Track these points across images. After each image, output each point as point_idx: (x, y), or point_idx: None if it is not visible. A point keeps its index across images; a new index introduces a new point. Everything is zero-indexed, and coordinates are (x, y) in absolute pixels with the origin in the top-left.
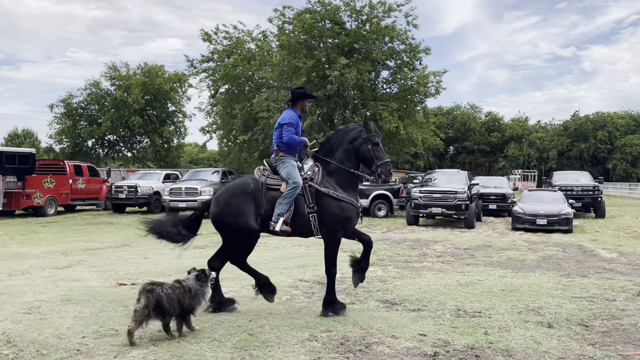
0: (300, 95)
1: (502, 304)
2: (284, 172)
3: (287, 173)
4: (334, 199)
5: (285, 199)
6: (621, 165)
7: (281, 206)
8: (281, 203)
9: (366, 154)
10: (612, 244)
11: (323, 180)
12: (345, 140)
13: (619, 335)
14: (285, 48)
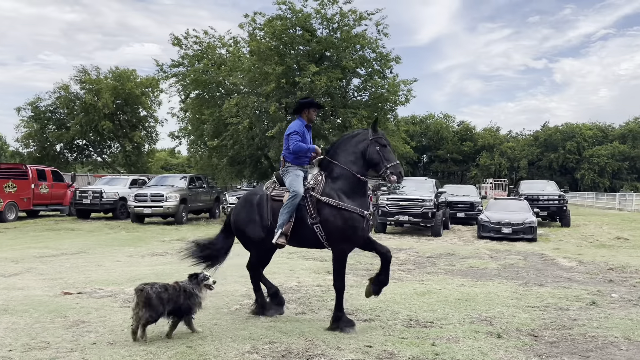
0: (305, 104)
1: (455, 313)
2: (287, 181)
3: (289, 183)
4: (336, 208)
5: (285, 208)
6: (589, 175)
7: (281, 217)
8: (282, 213)
9: (374, 157)
10: (573, 253)
11: (326, 188)
12: (351, 143)
13: (567, 346)
14: (256, 54)
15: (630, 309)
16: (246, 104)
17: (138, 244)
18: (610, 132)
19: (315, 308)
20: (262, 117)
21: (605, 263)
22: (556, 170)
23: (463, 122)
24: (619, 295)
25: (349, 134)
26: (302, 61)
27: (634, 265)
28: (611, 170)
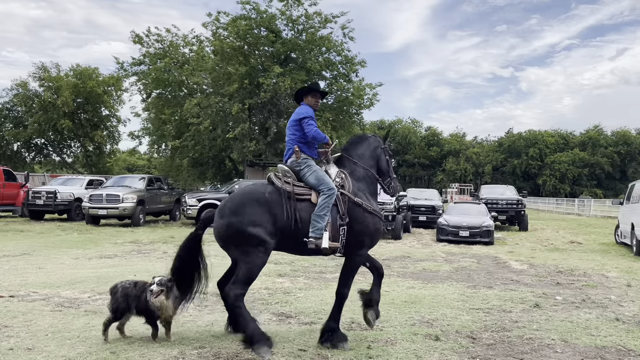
0: (306, 91)
1: (399, 316)
2: (313, 177)
3: (318, 178)
4: (367, 211)
5: (323, 209)
6: (550, 181)
7: (322, 218)
8: (319, 215)
9: (384, 165)
10: (526, 256)
11: (354, 188)
12: (369, 147)
13: (503, 348)
14: (219, 54)
15: (571, 311)
16: (208, 104)
17: (88, 246)
18: (571, 140)
19: (257, 312)
20: (224, 117)
21: (555, 266)
22: (519, 175)
23: (430, 128)
24: (562, 298)
25: (363, 136)
26: (266, 62)
27: (583, 269)
28: (572, 176)
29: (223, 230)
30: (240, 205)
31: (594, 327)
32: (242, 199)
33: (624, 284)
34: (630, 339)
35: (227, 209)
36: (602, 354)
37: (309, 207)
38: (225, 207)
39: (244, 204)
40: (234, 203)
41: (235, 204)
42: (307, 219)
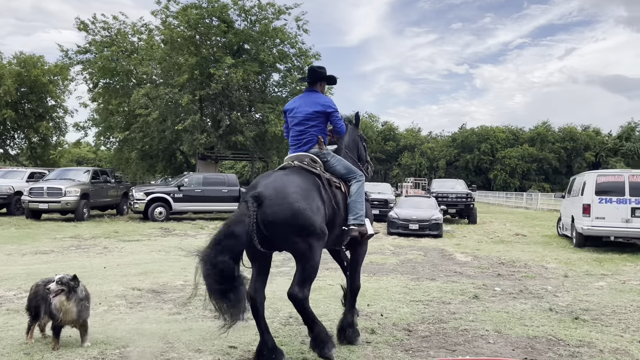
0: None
1: (339, 309)
2: (342, 166)
3: (347, 168)
4: (368, 200)
5: (360, 195)
6: (501, 176)
7: (360, 206)
8: (358, 202)
9: (362, 152)
10: (472, 248)
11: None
12: (352, 135)
13: (437, 340)
14: (169, 43)
15: (508, 302)
16: (157, 95)
17: (24, 241)
18: (521, 136)
19: (192, 308)
20: (174, 109)
21: (498, 258)
22: (472, 170)
23: (387, 123)
24: (501, 289)
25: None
26: (218, 53)
27: (524, 260)
28: (521, 171)
29: (288, 216)
30: (307, 191)
31: (528, 318)
32: (303, 183)
33: (562, 274)
34: (562, 328)
35: (292, 191)
36: (532, 344)
37: (342, 196)
38: (288, 189)
39: (310, 190)
40: (298, 187)
41: (301, 188)
42: (341, 208)
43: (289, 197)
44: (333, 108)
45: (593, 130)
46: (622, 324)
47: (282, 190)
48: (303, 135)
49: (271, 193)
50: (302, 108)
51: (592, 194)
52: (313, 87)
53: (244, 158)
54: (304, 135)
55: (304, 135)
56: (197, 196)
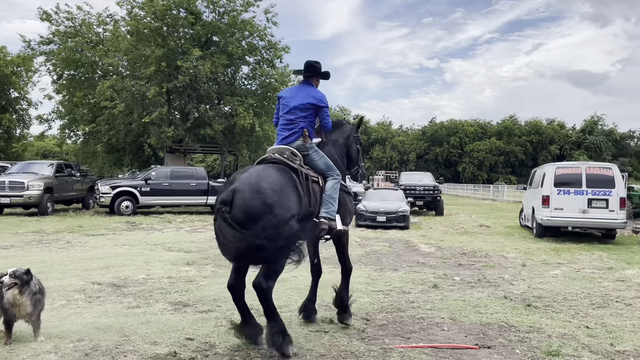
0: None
1: (299, 300)
2: (322, 162)
3: (327, 164)
4: (347, 192)
5: (335, 191)
6: (469, 169)
7: (334, 201)
8: (333, 197)
9: (354, 154)
10: (436, 239)
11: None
12: (344, 133)
13: (394, 328)
14: (135, 34)
15: (466, 290)
16: (123, 87)
17: None
18: (489, 129)
19: (152, 301)
20: (141, 101)
21: (461, 248)
22: (441, 163)
23: (358, 116)
24: (460, 278)
25: (339, 122)
26: (185, 45)
27: (485, 250)
28: (489, 164)
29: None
30: (281, 186)
31: (484, 305)
32: (277, 176)
33: (520, 264)
34: (514, 315)
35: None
36: (485, 330)
37: (319, 189)
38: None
39: (284, 186)
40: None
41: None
42: (317, 201)
43: (262, 192)
44: (324, 103)
45: (558, 124)
46: (572, 310)
47: (256, 185)
48: (291, 125)
49: (245, 188)
50: (295, 98)
51: (551, 185)
52: (308, 80)
53: (213, 151)
54: (292, 125)
55: (291, 125)
56: (165, 190)
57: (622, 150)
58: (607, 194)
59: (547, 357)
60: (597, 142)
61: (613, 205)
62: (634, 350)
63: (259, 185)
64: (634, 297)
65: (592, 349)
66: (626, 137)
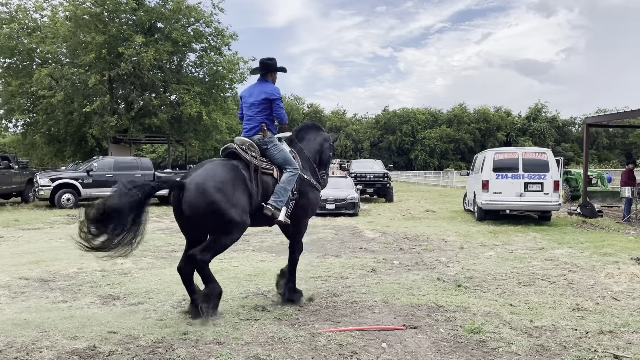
0: (277, 68)
1: (236, 289)
2: (280, 156)
3: (285, 158)
4: (312, 186)
5: (290, 184)
6: (421, 156)
7: (285, 193)
8: (285, 189)
9: (325, 159)
10: (382, 225)
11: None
12: (318, 138)
13: (326, 313)
14: (73, 20)
15: (402, 274)
16: (62, 75)
17: None
18: (440, 117)
19: (81, 295)
20: (81, 90)
21: (404, 233)
22: (394, 151)
23: (313, 105)
24: (399, 262)
25: (315, 126)
26: (127, 31)
27: (427, 234)
28: (440, 151)
29: (201, 208)
30: (227, 183)
31: (417, 287)
32: (224, 174)
33: (458, 246)
34: (444, 296)
35: (210, 186)
36: (414, 311)
37: (272, 181)
38: (207, 184)
39: (229, 182)
40: (216, 179)
41: (222, 181)
42: (270, 192)
43: (205, 191)
44: (276, 96)
45: (504, 112)
46: (499, 289)
47: (202, 184)
48: (251, 121)
49: (192, 187)
50: (252, 95)
51: (490, 170)
52: (265, 77)
53: (159, 141)
54: (251, 121)
55: (251, 121)
56: (109, 181)
57: (565, 137)
58: (542, 178)
59: (469, 335)
60: (541, 129)
61: (548, 189)
62: (551, 325)
63: (205, 185)
64: (559, 275)
65: (513, 325)
66: (568, 124)
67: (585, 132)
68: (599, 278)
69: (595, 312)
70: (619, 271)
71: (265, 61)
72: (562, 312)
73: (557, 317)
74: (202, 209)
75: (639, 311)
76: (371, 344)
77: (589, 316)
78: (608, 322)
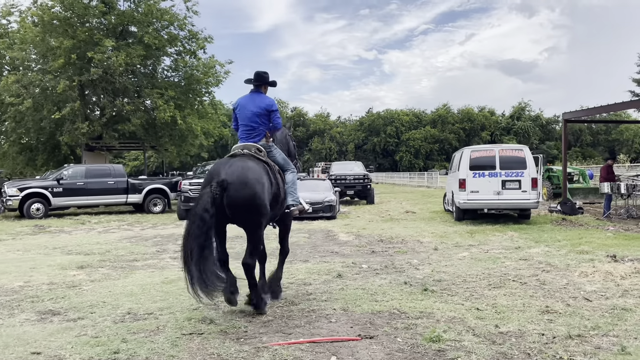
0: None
1: (188, 300)
2: (281, 158)
3: (285, 160)
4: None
5: (295, 182)
6: (406, 157)
7: (295, 191)
8: (295, 188)
9: (292, 150)
10: (359, 228)
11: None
12: (283, 133)
13: (278, 324)
14: (40, 25)
15: (369, 278)
16: (30, 82)
17: None
18: (424, 118)
19: (18, 312)
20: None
21: (380, 235)
22: (379, 152)
23: (296, 108)
24: (368, 266)
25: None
26: (97, 35)
27: (402, 236)
28: (424, 152)
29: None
30: (261, 176)
31: (382, 293)
32: (258, 169)
33: (432, 247)
34: (409, 301)
35: (252, 179)
36: (373, 319)
37: (283, 180)
38: (249, 177)
39: (262, 175)
40: (255, 173)
41: (256, 174)
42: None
43: (249, 183)
44: (275, 107)
45: (488, 111)
46: (468, 292)
47: (243, 177)
48: (253, 131)
49: (234, 180)
50: (250, 107)
51: (466, 169)
52: (258, 89)
53: (134, 147)
54: (254, 131)
55: (254, 131)
56: (80, 189)
57: (549, 135)
58: (520, 175)
59: (427, 344)
60: (525, 128)
61: (525, 186)
62: (517, 331)
63: (247, 179)
64: (531, 276)
65: (477, 331)
66: (552, 122)
67: (563, 127)
68: (573, 277)
69: (565, 314)
70: (594, 269)
71: (260, 73)
72: (531, 315)
73: (524, 321)
74: (246, 199)
75: (610, 312)
76: (320, 357)
77: (558, 319)
78: (577, 325)
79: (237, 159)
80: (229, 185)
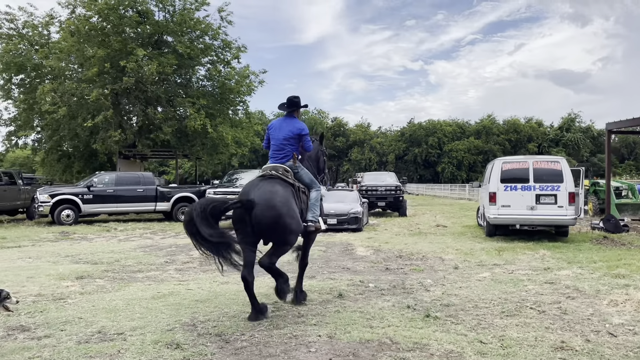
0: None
1: (165, 319)
2: (307, 178)
3: (311, 179)
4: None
5: (318, 200)
6: (448, 169)
7: (317, 208)
8: (316, 205)
9: (321, 164)
10: (381, 242)
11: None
12: (316, 150)
13: (251, 351)
14: (75, 34)
15: (372, 300)
16: (65, 90)
17: None
18: (467, 129)
19: None
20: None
21: (400, 251)
22: (420, 164)
23: (336, 119)
24: (374, 285)
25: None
26: (130, 45)
27: (424, 252)
28: (467, 163)
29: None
30: (287, 199)
31: (379, 317)
32: (284, 192)
33: (452, 266)
34: (406, 329)
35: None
36: (358, 349)
37: (306, 198)
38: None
39: (288, 198)
40: (280, 197)
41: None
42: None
43: (274, 206)
44: (306, 132)
45: (536, 122)
46: (475, 320)
47: (269, 199)
48: (282, 151)
49: (261, 202)
50: (283, 130)
51: (497, 181)
52: (291, 113)
53: (167, 156)
54: (283, 152)
55: (283, 152)
56: (109, 196)
57: (600, 147)
58: (556, 189)
59: None
60: (575, 139)
61: (562, 201)
62: None
63: (274, 201)
64: (553, 303)
65: None
66: (604, 134)
67: (607, 138)
68: (600, 306)
69: (582, 352)
70: (626, 297)
71: (292, 99)
72: (542, 351)
73: (532, 358)
74: (271, 220)
75: (636, 352)
76: None
77: (573, 358)
78: None
79: (265, 182)
80: (256, 206)
